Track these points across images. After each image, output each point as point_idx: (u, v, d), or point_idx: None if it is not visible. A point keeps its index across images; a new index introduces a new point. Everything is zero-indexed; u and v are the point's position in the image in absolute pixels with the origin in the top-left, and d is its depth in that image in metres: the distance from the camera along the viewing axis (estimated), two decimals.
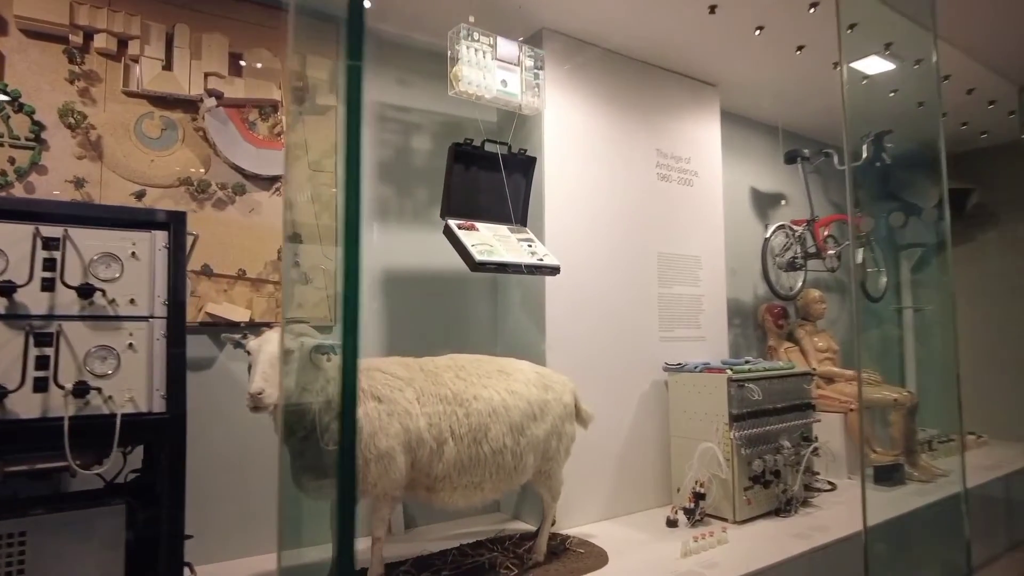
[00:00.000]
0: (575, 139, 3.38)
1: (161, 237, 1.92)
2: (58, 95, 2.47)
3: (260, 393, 1.89)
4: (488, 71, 2.92)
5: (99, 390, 1.72)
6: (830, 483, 3.77)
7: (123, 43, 2.59)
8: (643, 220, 3.66)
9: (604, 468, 3.35)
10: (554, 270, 2.97)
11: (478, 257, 2.71)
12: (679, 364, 3.55)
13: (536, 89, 3.10)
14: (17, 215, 1.74)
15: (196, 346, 2.61)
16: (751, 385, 3.23)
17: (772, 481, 3.28)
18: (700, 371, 3.42)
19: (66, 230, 1.78)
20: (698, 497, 3.15)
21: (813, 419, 3.59)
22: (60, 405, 1.66)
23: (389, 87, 3.32)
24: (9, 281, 1.66)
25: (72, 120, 2.47)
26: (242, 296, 2.82)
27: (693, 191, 3.94)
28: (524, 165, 3.15)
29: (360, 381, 2.25)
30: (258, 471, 2.69)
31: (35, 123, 2.42)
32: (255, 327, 2.65)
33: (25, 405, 1.63)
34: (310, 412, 2.13)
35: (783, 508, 3.30)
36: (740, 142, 4.70)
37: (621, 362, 3.47)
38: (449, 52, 2.87)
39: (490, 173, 3.04)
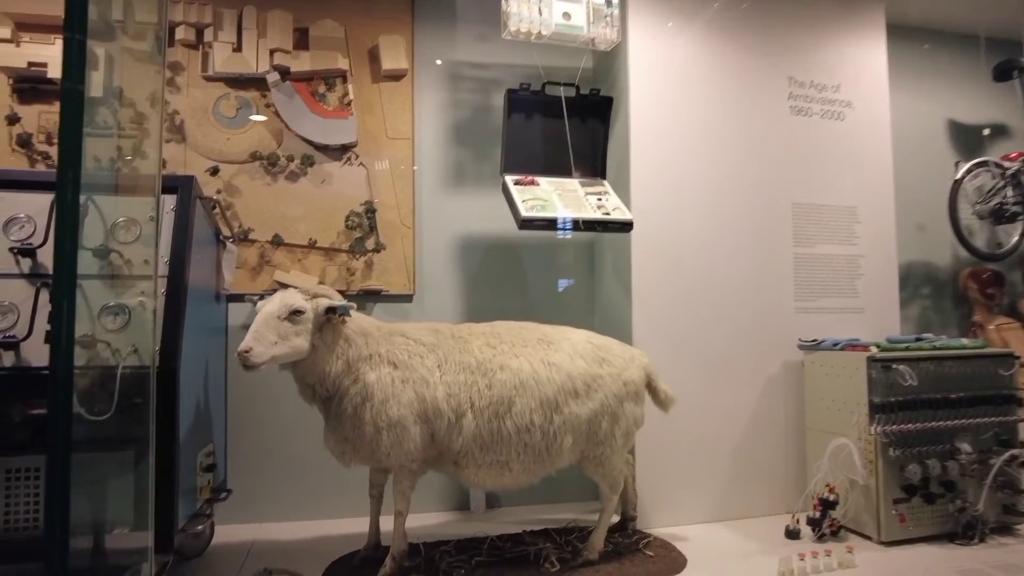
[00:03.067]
0: (670, 72, 2.86)
1: (169, 200, 2.00)
2: (150, 86, 2.74)
3: (247, 351, 1.86)
4: (545, 5, 2.60)
5: (108, 343, 1.83)
6: None
7: (200, 32, 2.79)
8: (770, 164, 3.00)
9: (715, 462, 2.83)
10: (624, 226, 2.55)
11: (524, 213, 2.43)
12: (815, 340, 2.87)
13: (609, 19, 2.69)
14: (41, 185, 1.92)
15: None
16: (900, 367, 2.46)
17: (941, 495, 2.48)
18: (841, 349, 2.72)
19: (89, 196, 1.92)
20: (826, 505, 2.50)
21: (1017, 417, 2.65)
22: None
23: (467, 45, 3.15)
24: (29, 243, 1.84)
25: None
26: (315, 265, 2.89)
27: (844, 126, 3.14)
28: (598, 108, 2.76)
29: (379, 346, 2.15)
30: (305, 436, 2.71)
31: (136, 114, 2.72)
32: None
33: (37, 355, 1.80)
34: (328, 375, 2.07)
35: (960, 533, 2.48)
36: (917, 61, 3.66)
37: (741, 338, 2.89)
38: None
39: (556, 120, 2.71)
